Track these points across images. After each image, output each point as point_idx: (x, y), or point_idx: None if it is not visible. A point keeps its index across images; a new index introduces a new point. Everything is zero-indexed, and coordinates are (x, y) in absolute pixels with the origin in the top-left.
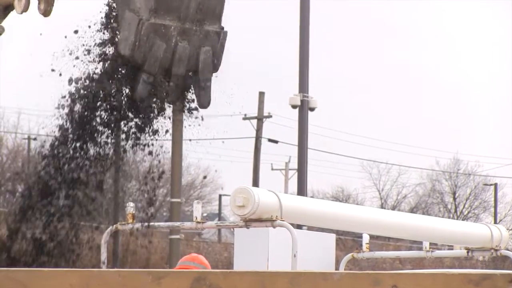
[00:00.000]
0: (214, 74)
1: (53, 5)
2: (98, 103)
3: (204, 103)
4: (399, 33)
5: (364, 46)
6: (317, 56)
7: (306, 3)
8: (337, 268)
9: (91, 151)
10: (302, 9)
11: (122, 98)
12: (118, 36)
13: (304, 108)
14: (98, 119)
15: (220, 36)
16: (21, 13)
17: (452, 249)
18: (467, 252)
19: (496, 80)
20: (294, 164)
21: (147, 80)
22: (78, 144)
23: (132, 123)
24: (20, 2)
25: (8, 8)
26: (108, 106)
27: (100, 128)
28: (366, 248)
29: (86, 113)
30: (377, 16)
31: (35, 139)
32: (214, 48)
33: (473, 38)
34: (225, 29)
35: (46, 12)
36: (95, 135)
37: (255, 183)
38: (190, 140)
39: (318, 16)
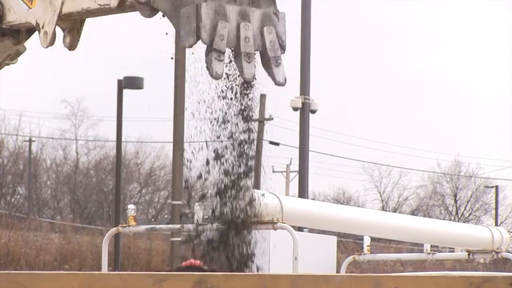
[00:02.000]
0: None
1: (79, 40)
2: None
3: (281, 80)
4: (399, 34)
5: (365, 48)
6: (318, 58)
7: (307, 5)
8: (338, 271)
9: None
10: (303, 11)
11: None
12: (180, 40)
13: (305, 110)
14: None
15: (279, 16)
16: (47, 47)
17: (453, 251)
18: (468, 255)
19: (497, 82)
20: (295, 166)
21: (219, 58)
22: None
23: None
24: (45, 36)
25: (31, 31)
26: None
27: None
28: (367, 250)
29: None
30: (378, 18)
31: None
32: (275, 28)
33: (475, 39)
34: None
35: (71, 47)
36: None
37: (256, 185)
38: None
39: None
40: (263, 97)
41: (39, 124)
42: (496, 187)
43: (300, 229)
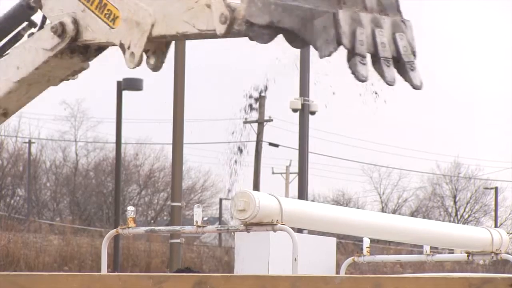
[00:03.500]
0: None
1: (163, 62)
2: None
3: (418, 84)
4: None
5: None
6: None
7: None
8: (337, 272)
9: None
10: None
11: None
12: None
13: (305, 111)
14: None
15: (407, 24)
16: (133, 68)
17: (452, 253)
18: (468, 256)
19: (497, 83)
20: (294, 167)
21: (362, 61)
22: None
23: None
24: (132, 57)
25: (101, 49)
26: None
27: None
28: (367, 252)
29: None
30: None
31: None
32: (406, 35)
33: (475, 40)
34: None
35: (155, 68)
36: None
37: (256, 187)
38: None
39: None
40: (262, 98)
41: (38, 126)
42: (496, 188)
43: (299, 230)
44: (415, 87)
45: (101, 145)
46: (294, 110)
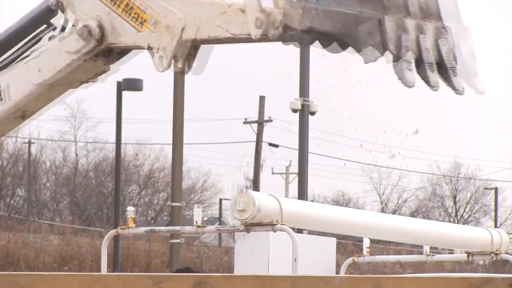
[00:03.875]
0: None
1: (191, 65)
2: None
3: (460, 88)
4: None
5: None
6: (318, 60)
7: None
8: (337, 272)
9: None
10: None
11: None
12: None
13: (304, 112)
14: None
15: (447, 30)
16: (163, 71)
17: (452, 253)
18: (468, 256)
19: (497, 83)
20: (294, 168)
21: (409, 67)
22: None
23: None
24: (161, 61)
25: (124, 52)
26: None
27: None
28: (367, 252)
29: None
30: None
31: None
32: (447, 41)
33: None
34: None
35: (183, 71)
36: None
37: (256, 187)
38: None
39: None
40: (262, 98)
41: (38, 126)
42: (496, 188)
43: (299, 231)
44: (456, 92)
45: (101, 145)
46: (294, 111)
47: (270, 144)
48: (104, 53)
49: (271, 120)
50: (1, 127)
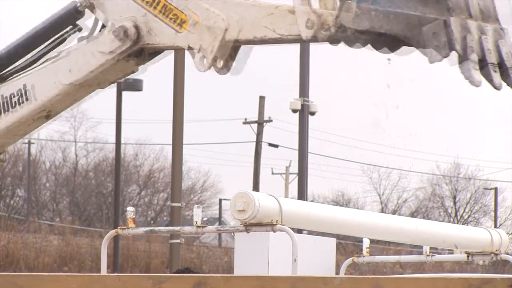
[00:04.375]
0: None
1: (231, 66)
2: None
3: None
4: None
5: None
6: (318, 60)
7: None
8: (337, 273)
9: None
10: None
11: None
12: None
13: (304, 112)
14: None
15: (505, 32)
16: (204, 71)
17: (452, 253)
18: (467, 257)
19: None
20: (294, 168)
21: (475, 67)
22: None
23: None
24: (202, 61)
25: (156, 53)
26: None
27: None
28: (367, 252)
29: None
30: None
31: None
32: (506, 42)
33: None
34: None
35: (222, 72)
36: None
37: (256, 187)
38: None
39: None
40: (262, 99)
41: None
42: (495, 189)
43: (299, 231)
44: None
45: (101, 146)
46: (294, 111)
47: (270, 144)
48: (136, 53)
49: (271, 120)
50: (25, 127)
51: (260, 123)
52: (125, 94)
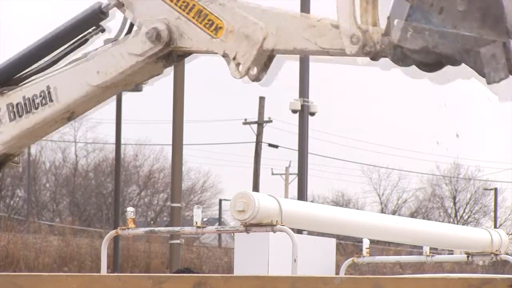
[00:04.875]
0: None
1: (265, 74)
2: None
3: None
4: None
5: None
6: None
7: (307, 7)
8: (337, 273)
9: None
10: (302, 12)
11: None
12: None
13: (304, 112)
14: None
15: None
16: (240, 78)
17: (452, 253)
18: (467, 257)
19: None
20: (294, 168)
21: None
22: None
23: None
24: (237, 68)
25: (184, 55)
26: None
27: None
28: (367, 252)
29: None
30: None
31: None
32: None
33: None
34: None
35: (256, 79)
36: None
37: (256, 187)
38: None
39: None
40: (262, 99)
41: None
42: (495, 189)
43: (299, 231)
44: None
45: (101, 146)
46: (294, 111)
47: (270, 145)
48: (165, 56)
49: (271, 121)
50: (47, 128)
51: (260, 123)
52: (125, 95)
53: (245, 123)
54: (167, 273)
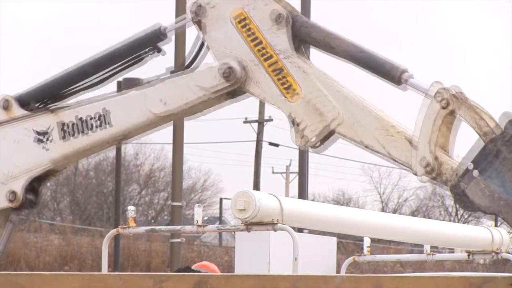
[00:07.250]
0: None
1: (320, 145)
2: None
3: None
4: (399, 34)
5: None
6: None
7: (307, 5)
8: (338, 272)
9: None
10: (302, 11)
11: None
12: None
13: None
14: None
15: None
16: (299, 145)
17: (453, 252)
18: (468, 255)
19: (497, 82)
20: (295, 167)
21: None
22: None
23: None
24: (299, 135)
25: (247, 95)
26: None
27: None
28: (367, 251)
29: None
30: (378, 18)
31: None
32: None
33: (474, 40)
34: None
35: (313, 147)
36: None
37: (256, 186)
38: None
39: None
40: None
41: None
42: None
43: (300, 230)
44: None
45: None
46: None
47: (271, 144)
48: (231, 91)
49: (272, 120)
50: (97, 149)
51: (261, 122)
52: None
53: (246, 121)
54: (168, 272)
